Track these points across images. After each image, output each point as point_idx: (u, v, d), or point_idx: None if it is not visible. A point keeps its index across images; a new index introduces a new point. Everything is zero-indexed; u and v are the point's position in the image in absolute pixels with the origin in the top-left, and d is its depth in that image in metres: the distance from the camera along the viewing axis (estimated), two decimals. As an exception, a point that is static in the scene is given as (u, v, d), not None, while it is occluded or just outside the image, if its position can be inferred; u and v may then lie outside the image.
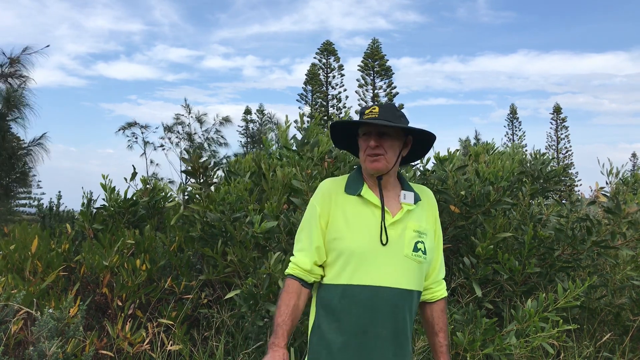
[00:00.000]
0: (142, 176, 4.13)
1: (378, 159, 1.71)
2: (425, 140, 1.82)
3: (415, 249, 1.72)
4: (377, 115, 1.71)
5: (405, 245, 1.70)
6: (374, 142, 1.71)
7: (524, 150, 4.25)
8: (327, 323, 1.69)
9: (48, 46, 8.45)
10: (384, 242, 1.67)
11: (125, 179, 4.06)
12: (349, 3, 71.45)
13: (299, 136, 4.01)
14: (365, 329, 1.64)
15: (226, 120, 26.69)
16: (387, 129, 1.72)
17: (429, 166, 4.02)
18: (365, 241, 1.67)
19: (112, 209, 3.96)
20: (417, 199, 1.79)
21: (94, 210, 4.05)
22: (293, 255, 1.80)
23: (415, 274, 1.72)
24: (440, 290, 1.87)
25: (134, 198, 4.03)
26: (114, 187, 4.02)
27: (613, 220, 3.45)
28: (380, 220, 1.70)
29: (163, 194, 4.09)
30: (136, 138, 24.78)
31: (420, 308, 1.90)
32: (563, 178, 4.23)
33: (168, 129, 25.66)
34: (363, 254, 1.66)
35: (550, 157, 4.28)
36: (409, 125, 1.77)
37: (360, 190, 1.74)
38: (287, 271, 1.78)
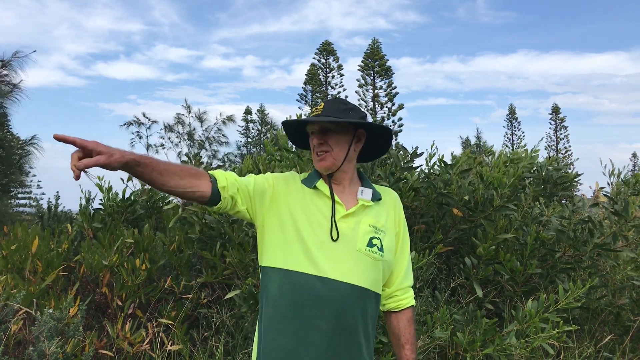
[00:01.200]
0: None
1: (324, 157, 1.65)
2: (384, 132, 1.76)
3: (370, 244, 1.62)
4: (320, 112, 1.66)
5: (359, 240, 1.62)
6: (316, 140, 1.66)
7: (536, 153, 4.20)
8: (267, 312, 1.62)
9: (34, 51, 8.64)
10: (334, 237, 1.59)
11: (122, 179, 4.05)
12: (348, 3, 71.60)
13: None
14: (306, 320, 1.55)
15: (230, 119, 26.68)
16: (330, 125, 1.65)
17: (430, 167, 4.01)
18: (316, 231, 1.60)
19: (111, 207, 3.96)
20: (376, 197, 1.72)
21: (92, 210, 4.05)
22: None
23: (369, 271, 1.62)
24: (406, 299, 1.75)
25: (132, 197, 4.03)
26: (111, 187, 4.02)
27: (618, 223, 3.44)
28: (338, 212, 1.64)
29: (161, 193, 4.08)
30: (140, 137, 24.76)
31: (385, 318, 1.80)
32: (571, 184, 4.23)
33: (169, 128, 25.70)
34: (313, 243, 1.59)
35: (562, 163, 4.27)
36: (360, 119, 1.69)
37: (316, 182, 1.69)
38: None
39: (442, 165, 3.77)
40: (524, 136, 51.11)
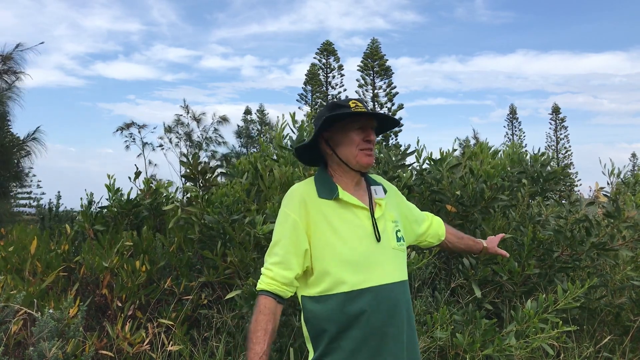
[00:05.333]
0: (145, 177, 4.12)
1: (371, 154, 1.69)
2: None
3: (398, 239, 1.73)
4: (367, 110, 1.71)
5: (391, 238, 1.70)
6: (373, 135, 1.69)
7: (523, 149, 4.23)
8: (331, 337, 1.60)
9: (42, 43, 8.30)
10: (379, 238, 1.65)
11: (130, 178, 4.04)
12: (347, 3, 71.72)
13: (294, 136, 3.98)
14: (374, 331, 1.58)
15: (224, 119, 26.63)
16: (376, 123, 1.73)
17: (424, 166, 4.03)
18: (360, 245, 1.63)
19: (115, 209, 3.94)
20: (385, 191, 1.80)
21: (96, 211, 4.04)
22: (268, 269, 1.65)
23: (404, 263, 1.74)
24: (435, 220, 2.07)
25: (137, 199, 4.01)
26: (119, 188, 4.00)
27: (612, 223, 3.44)
28: (370, 218, 1.67)
29: (165, 194, 4.07)
30: (134, 139, 24.66)
31: (441, 246, 2.12)
32: (562, 178, 4.21)
33: (168, 129, 25.64)
34: (361, 258, 1.61)
35: (550, 157, 4.26)
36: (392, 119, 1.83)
37: (337, 193, 1.67)
38: (262, 287, 1.63)
39: (431, 162, 3.80)
40: (524, 136, 51.21)
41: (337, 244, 1.61)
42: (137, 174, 4.06)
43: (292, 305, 3.18)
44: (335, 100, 1.82)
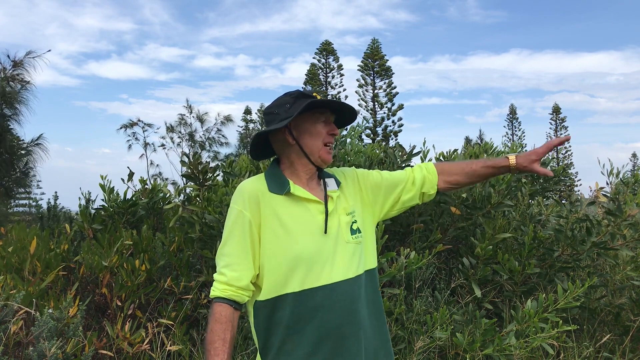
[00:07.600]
0: (141, 177, 4.12)
1: (331, 151, 1.64)
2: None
3: (353, 232, 1.61)
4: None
5: (344, 233, 1.59)
6: (337, 130, 1.63)
7: (523, 150, 4.24)
8: (282, 341, 1.51)
9: (49, 51, 8.64)
10: (326, 230, 1.54)
11: (123, 180, 4.03)
12: (339, 2, 71.74)
13: None
14: (330, 332, 1.49)
15: (227, 119, 26.59)
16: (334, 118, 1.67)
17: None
18: (308, 241, 1.53)
19: (111, 209, 3.96)
20: (338, 183, 1.68)
21: (93, 211, 4.05)
22: (220, 273, 1.55)
23: (360, 256, 1.61)
24: (424, 170, 1.78)
25: (133, 199, 4.02)
26: (113, 187, 4.01)
27: (613, 222, 3.44)
28: (323, 213, 1.57)
29: (162, 194, 4.08)
30: (137, 138, 24.62)
31: (442, 189, 1.80)
32: (563, 178, 4.21)
33: (171, 128, 25.60)
34: (310, 255, 1.51)
35: (550, 157, 4.26)
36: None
37: (288, 188, 1.57)
38: (216, 294, 1.54)
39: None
40: (524, 136, 51.26)
41: (287, 240, 1.53)
42: (130, 175, 4.07)
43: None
44: (301, 90, 1.73)
